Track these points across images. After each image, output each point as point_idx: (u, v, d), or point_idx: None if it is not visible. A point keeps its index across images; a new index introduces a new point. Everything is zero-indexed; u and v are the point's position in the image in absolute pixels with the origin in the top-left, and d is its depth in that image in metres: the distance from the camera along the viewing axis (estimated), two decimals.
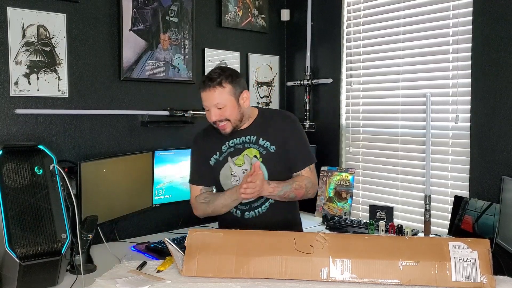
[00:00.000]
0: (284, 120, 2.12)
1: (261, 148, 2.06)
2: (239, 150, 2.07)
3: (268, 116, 2.13)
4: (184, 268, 1.62)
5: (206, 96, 1.97)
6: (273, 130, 2.07)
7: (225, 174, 2.08)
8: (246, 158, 2.06)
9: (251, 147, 2.06)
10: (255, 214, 2.08)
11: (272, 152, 2.05)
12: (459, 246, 1.56)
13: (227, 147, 2.09)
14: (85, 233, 2.12)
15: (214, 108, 1.97)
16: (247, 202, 2.06)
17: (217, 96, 1.95)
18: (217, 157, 2.10)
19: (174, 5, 3.03)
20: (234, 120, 2.01)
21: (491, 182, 2.49)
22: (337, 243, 1.62)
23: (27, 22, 2.49)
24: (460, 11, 2.65)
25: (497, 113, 2.47)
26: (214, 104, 1.96)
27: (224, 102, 1.96)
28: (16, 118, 2.49)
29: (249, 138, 2.07)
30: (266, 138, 2.06)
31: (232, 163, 2.07)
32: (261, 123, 2.10)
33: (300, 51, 3.55)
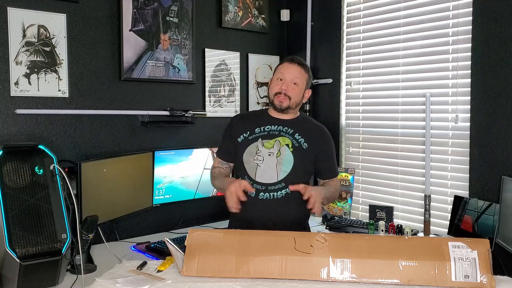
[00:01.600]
0: (322, 132, 2.25)
1: (295, 141, 2.15)
2: (273, 135, 2.16)
3: (308, 122, 2.27)
4: (184, 268, 1.63)
5: (290, 68, 2.14)
6: (310, 133, 2.19)
7: (250, 151, 2.14)
8: (277, 143, 2.14)
9: (285, 136, 2.15)
10: (269, 196, 2.10)
11: (304, 148, 2.14)
12: (459, 246, 1.56)
13: (260, 130, 2.18)
14: (85, 233, 2.12)
15: (290, 82, 2.12)
16: (265, 183, 2.11)
17: (300, 73, 2.14)
18: (246, 136, 2.18)
19: (174, 5, 3.03)
20: (293, 101, 2.14)
21: (491, 182, 2.49)
22: (337, 243, 1.62)
23: (27, 22, 2.49)
24: (460, 11, 2.66)
25: (497, 113, 2.47)
26: (294, 76, 2.12)
27: (300, 82, 2.14)
28: (16, 118, 2.49)
29: (286, 129, 2.17)
30: (302, 135, 2.16)
31: (260, 144, 2.14)
32: (301, 122, 2.22)
33: (300, 51, 3.55)
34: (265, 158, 2.12)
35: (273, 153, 2.13)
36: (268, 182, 2.11)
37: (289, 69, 2.15)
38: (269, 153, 2.13)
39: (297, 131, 2.17)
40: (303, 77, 2.16)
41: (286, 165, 2.11)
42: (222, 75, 3.32)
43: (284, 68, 2.16)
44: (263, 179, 2.11)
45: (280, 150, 2.13)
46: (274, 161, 2.12)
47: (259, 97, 3.55)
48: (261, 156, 2.13)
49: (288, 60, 2.19)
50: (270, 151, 2.13)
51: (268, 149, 2.14)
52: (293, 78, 2.13)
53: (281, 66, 2.19)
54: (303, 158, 2.14)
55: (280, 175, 2.10)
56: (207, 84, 3.23)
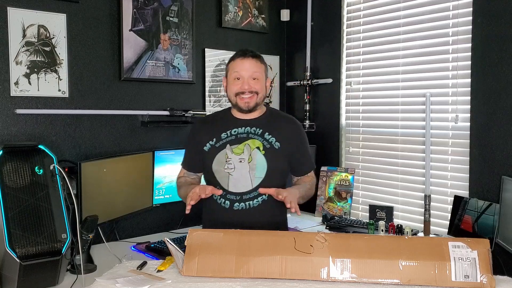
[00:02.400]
0: (293, 124, 2.13)
1: (265, 142, 2.02)
2: (241, 139, 2.02)
3: (276, 116, 2.14)
4: (184, 268, 1.62)
5: (245, 63, 2.00)
6: (280, 129, 2.06)
7: (220, 160, 2.01)
8: (246, 148, 2.00)
9: (255, 138, 2.02)
10: (245, 206, 1.99)
11: (276, 148, 2.02)
12: (459, 246, 1.56)
13: (227, 135, 2.04)
14: (85, 233, 2.12)
15: (250, 78, 1.98)
16: (239, 192, 1.99)
17: (257, 66, 2.00)
18: (213, 143, 2.04)
19: (174, 5, 3.03)
20: (260, 96, 2.02)
21: (491, 182, 2.49)
22: (337, 243, 1.62)
23: (27, 22, 2.49)
24: (460, 11, 2.66)
25: (497, 113, 2.47)
26: (252, 71, 1.99)
27: (260, 75, 2.01)
28: (16, 118, 2.49)
29: (254, 129, 2.04)
30: (272, 134, 2.03)
31: (229, 150, 2.00)
32: (269, 119, 2.09)
33: (300, 51, 3.56)
34: (236, 165, 1.98)
35: (244, 159, 1.98)
36: (243, 191, 1.98)
37: (244, 65, 1.99)
38: (240, 160, 1.99)
39: (267, 130, 2.03)
40: (261, 69, 2.02)
41: (260, 170, 1.98)
42: (222, 75, 3.31)
43: (239, 65, 2.00)
44: (236, 189, 1.98)
45: (251, 154, 1.99)
46: (246, 167, 1.98)
47: None
48: (231, 164, 1.99)
49: (240, 55, 2.02)
50: (240, 157, 1.99)
51: (238, 155, 1.99)
52: (251, 74, 1.99)
53: (234, 64, 2.02)
54: (276, 159, 2.01)
55: (255, 182, 1.98)
56: (207, 84, 3.23)
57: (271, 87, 3.13)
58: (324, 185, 3.25)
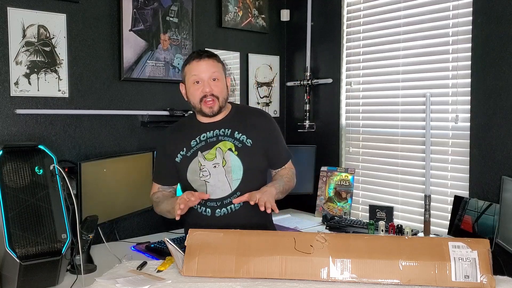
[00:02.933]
0: (261, 117, 2.06)
1: (237, 141, 1.96)
2: (211, 144, 1.96)
3: (243, 111, 2.07)
4: (184, 268, 1.62)
5: (202, 65, 1.91)
6: (249, 125, 1.99)
7: (194, 169, 1.96)
8: (218, 151, 1.95)
9: (225, 140, 1.96)
10: (227, 211, 1.95)
11: (249, 146, 1.96)
12: (459, 246, 1.55)
13: (196, 142, 1.98)
14: (85, 233, 2.12)
15: (209, 80, 1.91)
16: (218, 198, 1.95)
17: (214, 66, 1.92)
18: (184, 153, 1.99)
19: (174, 5, 3.03)
20: (222, 99, 1.95)
21: (491, 182, 2.49)
22: (337, 243, 1.62)
23: (27, 22, 2.49)
24: (460, 11, 2.66)
25: (497, 113, 2.47)
26: (211, 72, 1.91)
27: (219, 75, 1.93)
28: (16, 118, 2.49)
29: (223, 131, 1.98)
30: (242, 131, 1.97)
31: (202, 157, 1.95)
32: (236, 116, 2.02)
33: (300, 51, 3.56)
34: (211, 171, 1.93)
35: (218, 164, 1.93)
36: (222, 196, 1.94)
37: (201, 67, 1.91)
38: (214, 165, 1.94)
39: (236, 128, 1.97)
40: (219, 68, 1.95)
41: (236, 172, 1.93)
42: None
43: (196, 68, 1.92)
44: (216, 195, 1.94)
45: (224, 157, 1.94)
46: (222, 172, 1.93)
47: (259, 97, 3.55)
48: (206, 171, 1.94)
49: (195, 57, 1.93)
50: (214, 163, 1.94)
51: (211, 160, 1.94)
52: (210, 74, 1.91)
53: (191, 67, 1.93)
54: (251, 157, 1.95)
55: (233, 185, 1.94)
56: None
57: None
58: (324, 185, 3.25)
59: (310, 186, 3.32)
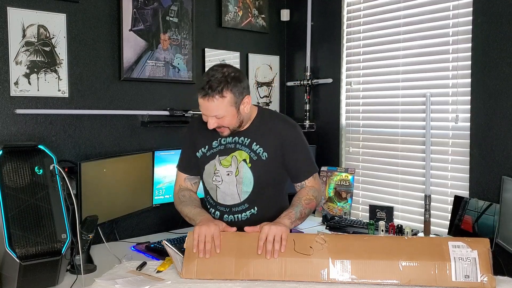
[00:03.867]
0: (284, 125, 1.97)
1: (253, 153, 1.92)
2: (229, 150, 1.94)
3: (267, 119, 1.98)
4: (184, 270, 1.62)
5: (204, 104, 1.81)
6: (270, 135, 1.93)
7: (209, 171, 1.95)
8: (234, 160, 1.92)
9: (242, 150, 1.92)
10: (234, 219, 1.95)
11: (264, 159, 1.90)
12: (459, 245, 1.56)
13: (218, 143, 1.96)
14: (85, 233, 2.12)
15: (213, 118, 1.83)
16: (228, 205, 1.95)
17: (216, 107, 1.80)
18: (204, 151, 1.97)
19: (174, 5, 3.03)
20: (232, 127, 1.88)
21: (491, 182, 2.49)
22: (337, 244, 1.62)
23: (27, 22, 2.49)
24: (460, 11, 2.65)
25: (497, 113, 2.47)
26: (213, 114, 1.82)
27: (224, 113, 1.82)
28: (16, 118, 2.49)
29: (242, 139, 1.94)
30: (260, 143, 1.91)
31: (218, 162, 1.93)
32: (259, 125, 1.96)
33: (300, 51, 3.55)
34: (224, 178, 1.92)
35: (231, 172, 1.90)
36: (232, 203, 1.94)
37: (205, 106, 1.81)
38: (228, 173, 1.91)
39: (255, 139, 1.92)
40: (224, 105, 1.79)
41: (247, 185, 1.90)
42: None
43: (201, 104, 1.82)
44: (225, 201, 1.94)
45: (238, 167, 1.90)
46: (233, 181, 1.91)
47: (259, 97, 3.55)
48: (219, 176, 1.92)
49: (200, 95, 1.80)
50: (228, 170, 1.91)
51: (226, 167, 1.92)
52: (210, 115, 1.82)
53: (199, 100, 1.82)
54: (264, 172, 1.90)
55: (242, 196, 1.92)
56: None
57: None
58: (324, 185, 3.24)
59: None
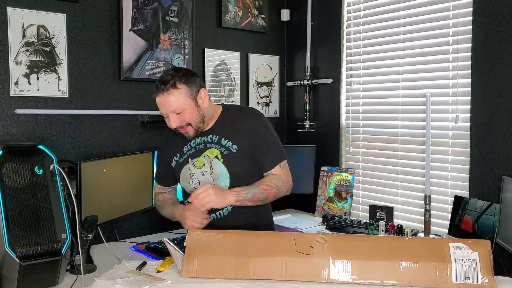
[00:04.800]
0: (248, 117, 1.99)
1: (223, 148, 1.95)
2: (200, 150, 1.98)
3: (232, 114, 2.02)
4: (184, 269, 1.62)
5: (161, 101, 1.85)
6: (236, 129, 1.96)
7: (185, 176, 2.01)
8: (206, 159, 1.96)
9: (212, 147, 1.96)
10: (216, 216, 1.98)
11: (234, 152, 1.93)
12: (460, 247, 1.55)
13: (188, 148, 2.01)
14: (85, 233, 2.12)
15: (172, 114, 1.86)
16: None
17: (173, 100, 1.83)
18: (177, 159, 2.04)
19: (174, 5, 3.03)
20: (195, 123, 1.90)
21: (491, 182, 2.49)
22: (338, 244, 1.62)
23: (27, 22, 2.49)
24: (460, 11, 2.65)
25: (497, 113, 2.47)
26: (171, 110, 1.85)
27: (182, 106, 1.85)
28: (16, 118, 2.49)
29: (211, 137, 1.98)
30: (229, 137, 1.95)
31: (191, 164, 1.98)
32: (224, 121, 1.99)
33: (300, 51, 3.55)
34: (200, 179, 1.97)
35: (206, 172, 1.95)
36: None
37: (162, 103, 1.85)
38: (202, 173, 1.96)
39: (223, 134, 1.95)
40: (180, 98, 1.84)
41: (223, 180, 1.93)
42: (222, 75, 3.32)
43: (159, 103, 1.87)
44: None
45: (212, 165, 1.94)
46: (209, 179, 1.95)
47: (259, 97, 3.55)
48: (195, 178, 1.97)
49: (156, 95, 1.87)
50: (202, 171, 1.96)
51: (200, 168, 1.97)
52: (172, 110, 1.85)
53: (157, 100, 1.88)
54: (237, 164, 1.93)
55: None
56: (207, 84, 3.23)
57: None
58: (324, 185, 3.24)
59: (310, 186, 3.32)
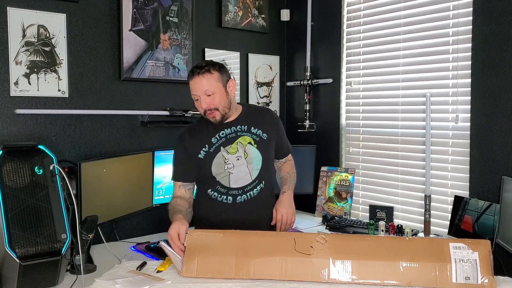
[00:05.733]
0: (268, 113, 2.28)
1: (254, 136, 2.14)
2: (232, 139, 2.12)
3: (253, 111, 2.25)
4: (184, 268, 1.63)
5: (195, 83, 2.01)
6: (262, 121, 2.19)
7: (218, 163, 2.10)
8: (239, 145, 2.11)
9: (244, 135, 2.13)
10: (247, 197, 2.13)
11: (265, 139, 2.16)
12: (460, 247, 1.56)
13: (217, 138, 2.12)
14: (85, 233, 2.12)
15: (204, 96, 2.01)
16: (241, 187, 2.12)
17: (206, 82, 2.00)
18: (206, 150, 2.11)
19: (174, 5, 3.03)
20: (223, 108, 2.05)
21: (491, 182, 2.49)
22: (338, 244, 1.62)
23: (27, 22, 2.49)
24: (460, 11, 2.65)
25: (497, 113, 2.47)
26: (203, 91, 2.00)
27: (213, 89, 2.01)
28: (16, 118, 2.49)
29: (240, 127, 2.14)
30: (258, 127, 2.16)
31: (225, 151, 2.10)
32: (248, 114, 2.19)
33: (300, 51, 3.55)
34: (235, 164, 2.11)
35: (241, 156, 2.11)
36: (244, 184, 2.13)
37: (196, 85, 2.01)
38: (237, 158, 2.11)
39: (251, 124, 2.15)
40: (212, 82, 2.01)
41: (256, 163, 2.13)
42: None
43: (192, 86, 2.02)
44: (238, 184, 2.12)
45: (246, 150, 2.12)
46: (244, 163, 2.12)
47: (259, 97, 3.55)
48: (230, 164, 2.10)
49: (190, 76, 2.04)
50: (237, 156, 2.11)
51: (234, 154, 2.11)
52: (204, 91, 2.00)
53: (190, 86, 2.04)
54: (267, 149, 2.17)
55: (253, 174, 2.13)
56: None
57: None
58: (324, 185, 3.24)
59: (310, 186, 3.32)
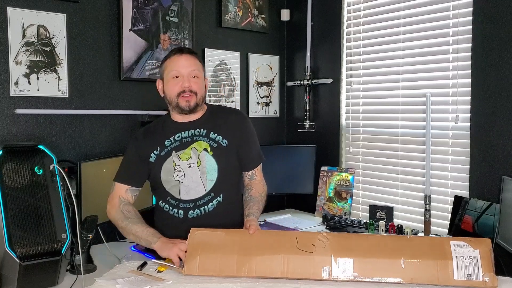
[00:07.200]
0: (235, 116, 2.05)
1: (212, 142, 1.95)
2: (187, 143, 1.94)
3: (218, 111, 2.07)
4: (186, 267, 1.62)
5: (184, 60, 1.92)
6: (224, 125, 1.99)
7: (168, 169, 1.92)
8: (193, 151, 1.92)
9: (200, 140, 1.94)
10: (200, 212, 1.92)
11: (224, 146, 1.95)
12: (461, 245, 1.56)
13: (171, 141, 1.96)
14: (85, 233, 2.11)
15: (189, 76, 1.91)
16: (192, 199, 1.91)
17: (195, 63, 1.94)
18: (157, 152, 1.95)
19: (174, 5, 3.03)
20: (199, 96, 1.94)
21: (491, 182, 2.49)
22: (339, 242, 1.62)
23: (27, 22, 2.48)
24: (460, 11, 2.66)
25: (497, 113, 2.47)
26: (191, 69, 1.92)
27: (199, 73, 1.95)
28: (16, 118, 2.49)
29: (198, 131, 1.96)
30: (218, 131, 1.96)
31: (176, 157, 1.92)
32: (211, 117, 2.02)
33: (300, 51, 3.55)
34: (186, 172, 1.90)
35: (193, 164, 1.90)
36: (196, 197, 1.91)
37: (182, 62, 1.91)
38: (189, 165, 1.90)
39: (211, 128, 1.96)
40: (199, 67, 1.96)
41: (211, 173, 1.91)
42: (222, 75, 3.32)
43: (176, 63, 1.91)
44: (189, 196, 1.91)
45: (200, 157, 1.91)
46: (196, 171, 1.90)
47: (259, 97, 3.55)
48: (181, 171, 1.90)
49: (177, 52, 1.93)
50: (189, 163, 1.90)
51: (186, 160, 1.91)
52: (190, 71, 1.91)
53: (171, 61, 1.93)
54: (226, 158, 1.94)
55: (208, 186, 1.91)
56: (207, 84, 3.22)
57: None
58: (324, 185, 3.24)
59: (310, 186, 3.32)
